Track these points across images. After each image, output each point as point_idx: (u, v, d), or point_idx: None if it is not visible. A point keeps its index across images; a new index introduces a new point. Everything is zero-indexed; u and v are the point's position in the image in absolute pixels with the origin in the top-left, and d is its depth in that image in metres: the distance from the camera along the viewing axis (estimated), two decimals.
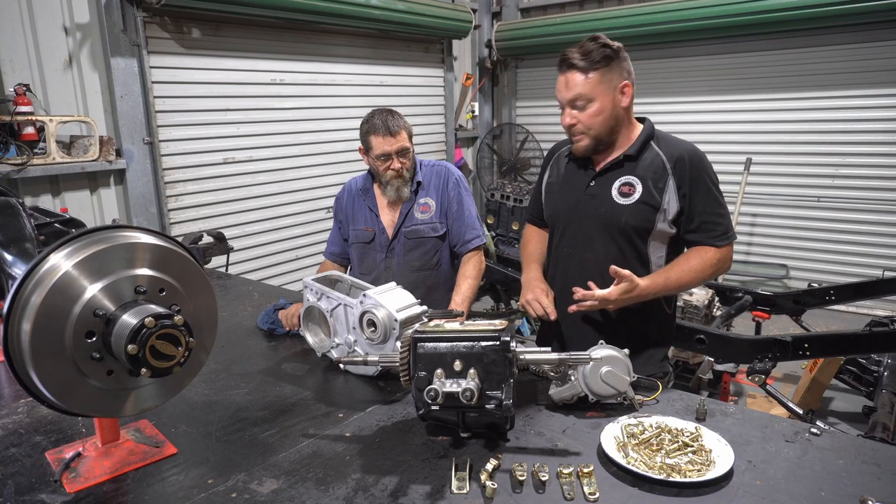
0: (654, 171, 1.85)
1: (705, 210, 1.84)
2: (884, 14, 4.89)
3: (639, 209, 1.85)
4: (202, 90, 4.71)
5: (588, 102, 1.81)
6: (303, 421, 1.59)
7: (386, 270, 2.47)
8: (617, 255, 1.88)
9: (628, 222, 1.86)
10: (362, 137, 2.40)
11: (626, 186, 1.87)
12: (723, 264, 1.87)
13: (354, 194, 2.56)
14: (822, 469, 1.31)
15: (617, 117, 1.85)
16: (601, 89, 1.80)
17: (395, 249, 2.47)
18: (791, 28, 5.35)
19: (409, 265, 2.47)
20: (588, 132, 1.85)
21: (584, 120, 1.83)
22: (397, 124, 2.33)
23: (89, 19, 3.98)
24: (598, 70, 1.78)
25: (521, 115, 7.67)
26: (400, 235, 2.46)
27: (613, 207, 1.88)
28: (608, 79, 1.80)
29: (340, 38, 5.66)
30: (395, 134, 2.32)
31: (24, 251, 1.53)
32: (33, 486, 1.31)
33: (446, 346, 1.40)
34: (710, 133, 6.11)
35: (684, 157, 1.84)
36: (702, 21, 5.58)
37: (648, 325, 1.95)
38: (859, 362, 3.62)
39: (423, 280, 2.48)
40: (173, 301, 1.24)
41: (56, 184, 3.94)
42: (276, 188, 5.32)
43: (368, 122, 2.37)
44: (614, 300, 1.75)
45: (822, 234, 5.79)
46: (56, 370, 1.13)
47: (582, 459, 1.36)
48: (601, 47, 1.78)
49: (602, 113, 1.82)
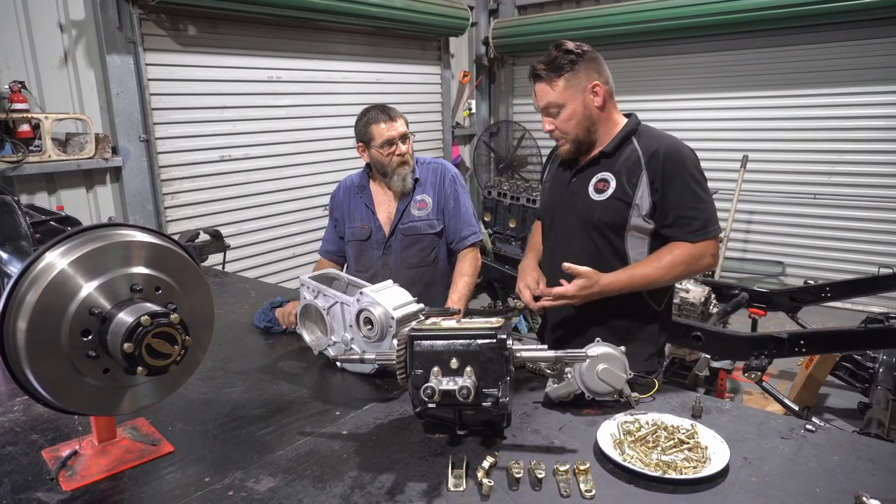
0: (629, 167, 1.86)
1: (681, 205, 1.81)
2: (880, 11, 4.90)
3: (611, 205, 1.86)
4: (199, 88, 4.69)
5: (559, 109, 1.88)
6: (300, 419, 1.59)
7: (383, 268, 2.47)
8: (593, 251, 1.91)
9: (601, 218, 1.88)
10: (361, 132, 2.41)
11: (602, 183, 1.89)
12: (699, 260, 1.83)
13: (350, 192, 2.56)
14: (818, 465, 1.31)
15: (591, 118, 1.88)
16: (569, 94, 1.85)
17: (391, 247, 2.48)
18: (788, 25, 5.35)
19: (407, 262, 2.47)
20: (566, 136, 1.91)
21: (559, 125, 1.90)
22: (395, 111, 2.39)
23: (85, 16, 3.96)
24: (562, 76, 1.84)
25: (517, 112, 7.66)
26: (397, 232, 2.46)
27: (589, 204, 1.91)
28: (575, 83, 1.84)
29: (337, 35, 5.64)
30: (395, 119, 2.37)
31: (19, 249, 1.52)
32: (30, 484, 1.31)
33: (443, 343, 1.40)
34: (707, 130, 6.11)
35: (659, 151, 1.83)
36: (698, 18, 5.58)
37: (631, 323, 1.95)
38: (855, 359, 3.63)
39: (421, 277, 2.48)
40: (169, 299, 1.24)
41: (52, 181, 3.93)
42: (272, 186, 5.30)
43: (365, 115, 2.40)
44: (572, 296, 1.78)
45: (819, 231, 5.80)
46: (52, 368, 1.13)
47: (578, 457, 1.36)
48: (564, 53, 1.84)
49: (574, 116, 1.87)
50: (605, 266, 1.85)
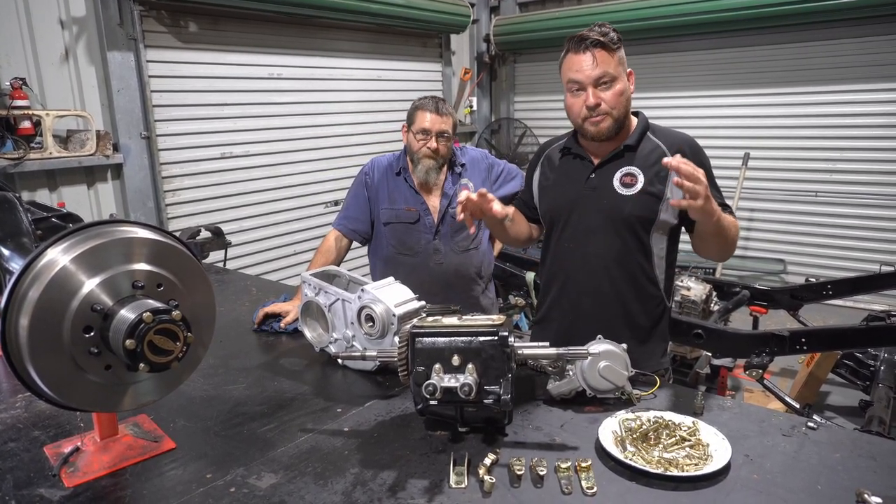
0: (654, 161, 1.84)
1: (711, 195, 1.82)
2: (882, 8, 4.89)
3: (642, 199, 1.83)
4: (199, 84, 4.69)
5: (612, 81, 1.78)
6: (301, 416, 1.59)
7: (435, 253, 2.51)
8: (620, 248, 1.87)
9: (632, 213, 1.84)
10: (409, 113, 2.47)
11: (628, 177, 1.85)
12: (737, 238, 1.80)
13: (388, 173, 2.57)
14: (819, 463, 1.31)
15: (630, 102, 1.85)
16: (621, 70, 1.80)
17: (440, 231, 2.52)
18: (789, 23, 5.35)
19: (457, 246, 2.54)
20: (612, 112, 1.80)
21: (608, 99, 1.79)
22: (446, 110, 2.43)
23: (85, 13, 3.96)
24: (617, 51, 1.78)
25: (519, 109, 7.65)
26: (447, 217, 2.50)
27: (616, 198, 1.86)
28: (624, 62, 1.81)
29: (338, 32, 5.64)
30: (442, 115, 2.41)
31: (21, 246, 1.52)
32: (32, 480, 1.31)
33: (444, 340, 1.40)
34: (709, 128, 6.10)
35: (684, 146, 1.83)
36: (700, 15, 5.58)
37: (649, 318, 1.94)
38: (856, 357, 3.63)
39: (471, 259, 2.58)
40: (171, 296, 1.24)
41: (53, 178, 3.93)
42: (274, 183, 5.31)
43: (420, 100, 2.46)
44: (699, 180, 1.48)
45: (820, 228, 5.80)
46: (54, 365, 1.13)
47: (580, 454, 1.36)
48: (613, 31, 1.78)
49: (624, 93, 1.80)
50: (631, 264, 1.84)
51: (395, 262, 2.52)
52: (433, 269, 2.51)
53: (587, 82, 1.78)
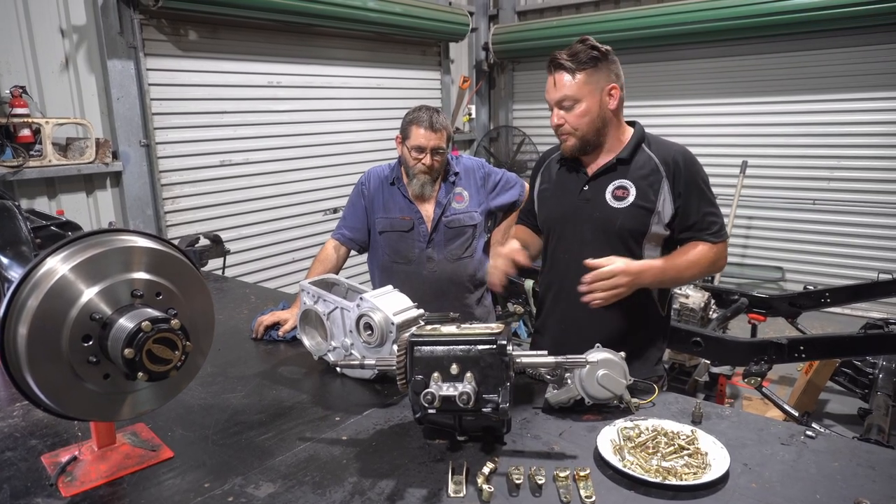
0: (647, 174, 1.86)
1: (700, 210, 1.86)
2: (879, 18, 4.91)
3: (633, 212, 1.86)
4: (199, 93, 4.70)
5: (575, 103, 1.83)
6: (299, 424, 1.59)
7: (428, 261, 2.52)
8: None
9: (623, 225, 1.87)
10: (403, 126, 2.47)
11: (620, 190, 1.88)
12: (718, 262, 1.88)
13: (384, 182, 2.58)
14: (818, 472, 1.31)
15: (604, 119, 1.87)
16: (587, 90, 1.82)
17: (434, 239, 2.52)
18: (787, 32, 5.37)
19: (451, 254, 2.54)
20: (574, 133, 1.87)
21: (570, 121, 1.86)
22: (441, 123, 2.42)
23: (86, 21, 3.98)
24: (584, 71, 1.81)
25: (517, 117, 7.68)
26: (441, 226, 2.51)
27: (608, 211, 1.89)
28: (595, 80, 1.82)
29: (337, 40, 5.66)
30: (437, 131, 2.40)
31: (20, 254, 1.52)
32: (29, 490, 1.30)
33: (443, 349, 1.40)
34: (707, 136, 6.12)
35: (678, 159, 1.86)
36: (697, 25, 5.60)
37: (642, 328, 1.95)
38: (854, 364, 3.63)
39: (465, 268, 2.57)
40: (170, 304, 1.24)
41: (52, 186, 3.93)
42: (272, 191, 5.31)
43: (414, 112, 2.45)
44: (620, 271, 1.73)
45: (818, 236, 5.81)
46: (52, 374, 1.13)
47: (578, 463, 1.36)
48: (588, 49, 1.81)
49: (588, 114, 1.84)
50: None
51: (390, 271, 2.54)
52: (426, 276, 2.52)
53: (551, 103, 1.88)
